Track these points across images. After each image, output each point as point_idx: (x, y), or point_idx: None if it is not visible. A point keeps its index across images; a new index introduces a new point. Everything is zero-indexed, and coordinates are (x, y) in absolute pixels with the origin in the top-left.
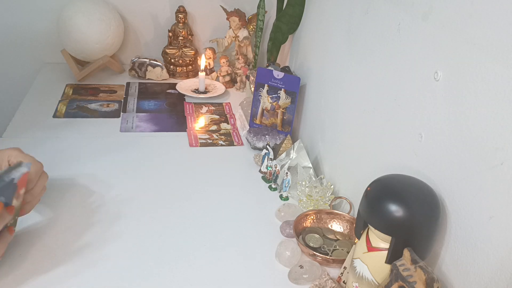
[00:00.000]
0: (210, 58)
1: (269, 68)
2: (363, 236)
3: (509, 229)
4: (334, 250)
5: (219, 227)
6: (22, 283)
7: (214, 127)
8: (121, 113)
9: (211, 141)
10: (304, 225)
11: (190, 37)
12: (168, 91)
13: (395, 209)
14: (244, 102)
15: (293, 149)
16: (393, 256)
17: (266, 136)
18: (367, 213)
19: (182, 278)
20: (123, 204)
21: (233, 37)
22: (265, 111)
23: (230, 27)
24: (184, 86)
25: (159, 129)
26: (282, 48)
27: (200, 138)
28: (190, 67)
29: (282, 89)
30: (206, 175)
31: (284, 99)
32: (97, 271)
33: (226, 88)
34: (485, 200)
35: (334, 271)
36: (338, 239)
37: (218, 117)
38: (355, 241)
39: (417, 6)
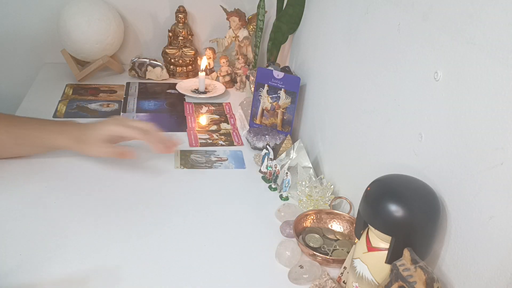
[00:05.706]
0: (210, 58)
1: (269, 68)
2: (363, 236)
3: (509, 229)
4: (334, 250)
5: (218, 227)
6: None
7: (214, 127)
8: (121, 113)
9: (211, 141)
10: (304, 225)
11: (190, 37)
12: (168, 91)
13: (395, 209)
14: (244, 102)
15: (293, 149)
16: (393, 256)
17: (266, 136)
18: (367, 213)
19: (181, 278)
20: (122, 203)
21: (233, 37)
22: (265, 111)
23: (230, 27)
24: (184, 86)
25: (159, 129)
26: (282, 48)
27: (200, 138)
28: (190, 67)
29: (282, 89)
30: (205, 175)
31: (284, 99)
32: (97, 270)
33: (226, 88)
34: (485, 200)
35: (334, 271)
36: (338, 239)
37: (218, 117)
38: (355, 241)
39: (417, 6)
